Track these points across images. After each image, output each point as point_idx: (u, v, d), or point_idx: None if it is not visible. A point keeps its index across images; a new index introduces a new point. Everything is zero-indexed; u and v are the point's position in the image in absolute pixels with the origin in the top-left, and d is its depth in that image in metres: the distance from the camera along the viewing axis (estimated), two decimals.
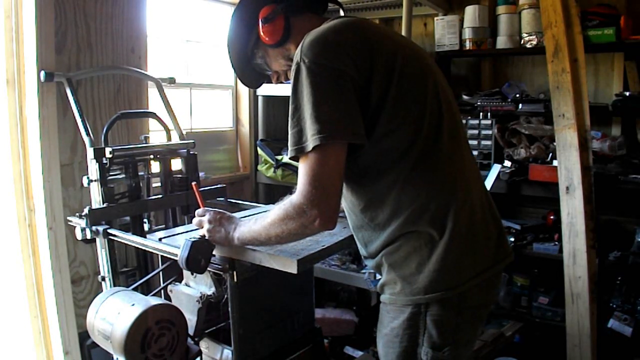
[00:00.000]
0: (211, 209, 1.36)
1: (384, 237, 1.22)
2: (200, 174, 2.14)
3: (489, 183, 2.55)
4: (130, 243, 1.64)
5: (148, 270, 1.90)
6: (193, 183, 1.51)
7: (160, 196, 1.94)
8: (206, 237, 1.32)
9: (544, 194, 2.59)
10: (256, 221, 1.23)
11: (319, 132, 1.06)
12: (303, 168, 1.10)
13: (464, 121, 2.80)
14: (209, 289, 1.51)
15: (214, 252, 1.35)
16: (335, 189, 1.10)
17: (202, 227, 1.34)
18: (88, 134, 1.77)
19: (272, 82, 1.43)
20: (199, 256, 1.31)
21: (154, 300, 1.40)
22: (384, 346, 1.27)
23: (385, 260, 1.23)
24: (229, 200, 2.13)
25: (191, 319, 1.50)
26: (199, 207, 1.40)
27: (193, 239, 1.30)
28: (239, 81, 3.05)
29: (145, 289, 1.75)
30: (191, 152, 2.04)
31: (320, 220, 1.09)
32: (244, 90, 3.07)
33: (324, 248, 1.38)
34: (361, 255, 1.36)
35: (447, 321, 1.19)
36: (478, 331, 1.35)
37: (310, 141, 1.08)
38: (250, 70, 1.43)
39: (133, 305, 1.36)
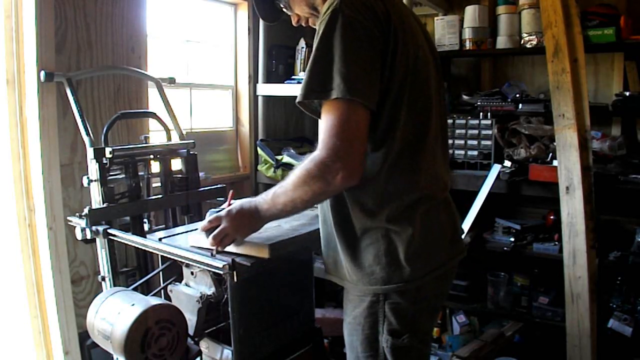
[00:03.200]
0: (213, 211, 1.31)
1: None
2: (200, 174, 2.14)
3: (489, 183, 2.55)
4: (130, 243, 1.64)
5: (148, 270, 1.90)
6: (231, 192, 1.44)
7: (160, 196, 1.94)
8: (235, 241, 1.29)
9: (544, 194, 2.59)
10: (275, 193, 1.18)
11: (343, 85, 1.05)
12: (328, 120, 1.07)
13: (463, 121, 2.81)
14: (209, 289, 1.51)
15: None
16: (360, 142, 1.08)
17: (225, 234, 1.27)
18: (88, 134, 1.77)
19: (291, 22, 1.38)
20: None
21: (154, 300, 1.40)
22: (348, 334, 1.30)
23: (346, 245, 1.25)
24: None
25: (191, 319, 1.50)
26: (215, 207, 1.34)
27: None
28: (239, 81, 3.09)
29: (145, 289, 1.75)
30: (191, 152, 2.04)
31: (343, 174, 1.06)
32: (244, 90, 3.07)
33: (299, 235, 1.39)
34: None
35: (405, 309, 1.22)
36: (434, 320, 1.41)
37: (336, 91, 1.05)
38: (269, 6, 1.39)
39: (133, 305, 1.36)
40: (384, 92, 1.14)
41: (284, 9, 1.37)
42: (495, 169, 2.63)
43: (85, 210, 1.67)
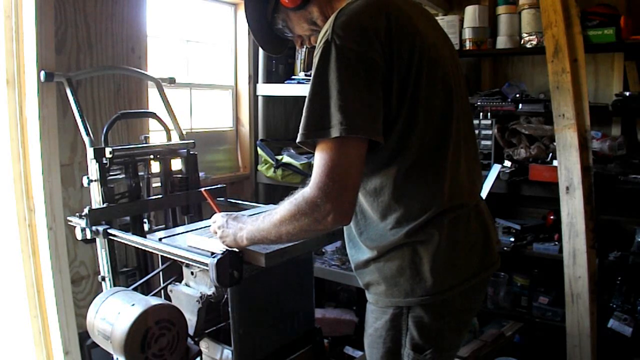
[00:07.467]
0: (222, 213, 1.34)
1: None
2: (200, 174, 2.14)
3: (489, 183, 2.55)
4: (130, 243, 1.64)
5: (148, 270, 1.90)
6: (204, 190, 1.50)
7: (160, 196, 1.94)
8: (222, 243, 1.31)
9: (544, 194, 2.60)
10: (264, 219, 1.16)
11: (343, 123, 1.01)
12: (321, 158, 1.03)
13: None
14: (209, 289, 1.51)
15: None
16: (353, 183, 1.05)
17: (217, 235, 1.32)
18: (88, 134, 1.77)
19: (295, 47, 1.37)
20: (229, 270, 1.29)
21: (154, 300, 1.40)
22: (369, 346, 1.27)
23: (369, 258, 1.22)
24: (229, 200, 2.13)
25: (191, 319, 1.50)
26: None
27: (217, 257, 1.28)
28: (239, 81, 3.09)
29: (145, 289, 1.75)
30: (191, 152, 2.04)
31: (334, 215, 1.03)
32: (244, 90, 3.07)
33: (297, 244, 1.36)
34: (346, 242, 1.33)
35: (429, 324, 1.17)
36: (463, 336, 1.33)
37: (335, 129, 1.01)
38: (271, 36, 1.37)
39: (133, 305, 1.36)
40: (393, 114, 1.10)
41: (285, 34, 1.34)
42: (495, 169, 2.63)
43: (85, 210, 1.67)
